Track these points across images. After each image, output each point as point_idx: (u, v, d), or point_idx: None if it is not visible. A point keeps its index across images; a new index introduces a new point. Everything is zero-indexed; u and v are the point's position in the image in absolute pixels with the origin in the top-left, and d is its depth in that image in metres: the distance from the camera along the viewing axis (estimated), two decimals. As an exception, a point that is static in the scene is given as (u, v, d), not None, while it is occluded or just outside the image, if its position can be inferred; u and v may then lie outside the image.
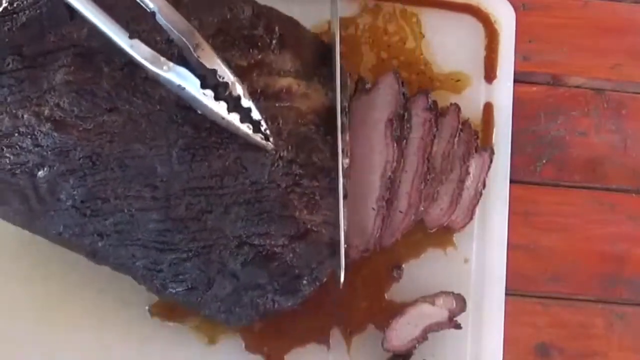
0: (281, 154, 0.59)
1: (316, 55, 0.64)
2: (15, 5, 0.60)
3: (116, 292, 0.62)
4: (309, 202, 0.60)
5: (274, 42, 0.62)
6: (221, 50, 0.57)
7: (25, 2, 0.60)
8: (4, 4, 0.60)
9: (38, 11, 0.60)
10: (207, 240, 0.58)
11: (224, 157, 0.58)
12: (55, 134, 0.57)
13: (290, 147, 0.60)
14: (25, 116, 0.58)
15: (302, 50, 0.63)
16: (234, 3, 0.62)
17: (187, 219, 0.58)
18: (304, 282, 0.60)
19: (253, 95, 0.58)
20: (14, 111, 0.58)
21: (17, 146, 0.58)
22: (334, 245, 0.61)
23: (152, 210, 0.58)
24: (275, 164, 0.59)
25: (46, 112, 0.58)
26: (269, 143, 0.58)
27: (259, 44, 0.61)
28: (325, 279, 0.62)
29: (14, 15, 0.60)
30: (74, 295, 0.64)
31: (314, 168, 0.61)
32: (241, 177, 0.58)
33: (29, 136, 0.58)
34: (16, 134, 0.58)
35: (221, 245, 0.58)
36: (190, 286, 0.59)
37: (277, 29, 0.62)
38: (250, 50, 0.61)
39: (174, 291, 0.59)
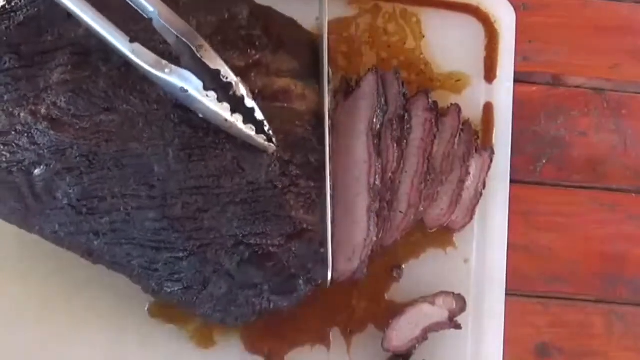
0: (278, 155, 0.59)
1: (313, 56, 0.64)
2: (13, 4, 0.60)
3: (116, 293, 0.62)
4: (306, 202, 0.60)
5: (271, 42, 0.62)
6: (219, 51, 0.57)
7: (23, 0, 0.60)
8: (2, 3, 0.60)
9: (36, 10, 0.60)
10: (204, 240, 0.58)
11: (221, 157, 0.58)
12: (52, 133, 0.57)
13: (287, 148, 0.60)
14: (22, 115, 0.58)
15: (299, 51, 0.63)
16: (232, 3, 0.62)
17: (183, 218, 0.58)
18: (300, 282, 0.60)
19: (251, 95, 0.58)
20: (10, 110, 0.58)
21: (13, 144, 0.58)
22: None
23: (149, 209, 0.57)
24: (272, 165, 0.59)
25: (43, 110, 0.57)
26: (272, 145, 0.58)
27: (257, 44, 0.61)
28: (321, 280, 0.61)
29: (12, 14, 0.60)
30: (73, 296, 0.64)
31: (310, 168, 0.61)
32: (238, 177, 0.58)
33: (26, 134, 0.58)
34: (13, 133, 0.58)
35: (217, 245, 0.58)
36: (185, 285, 0.59)
37: (275, 29, 0.62)
38: (248, 51, 0.61)
39: (169, 290, 0.59)
